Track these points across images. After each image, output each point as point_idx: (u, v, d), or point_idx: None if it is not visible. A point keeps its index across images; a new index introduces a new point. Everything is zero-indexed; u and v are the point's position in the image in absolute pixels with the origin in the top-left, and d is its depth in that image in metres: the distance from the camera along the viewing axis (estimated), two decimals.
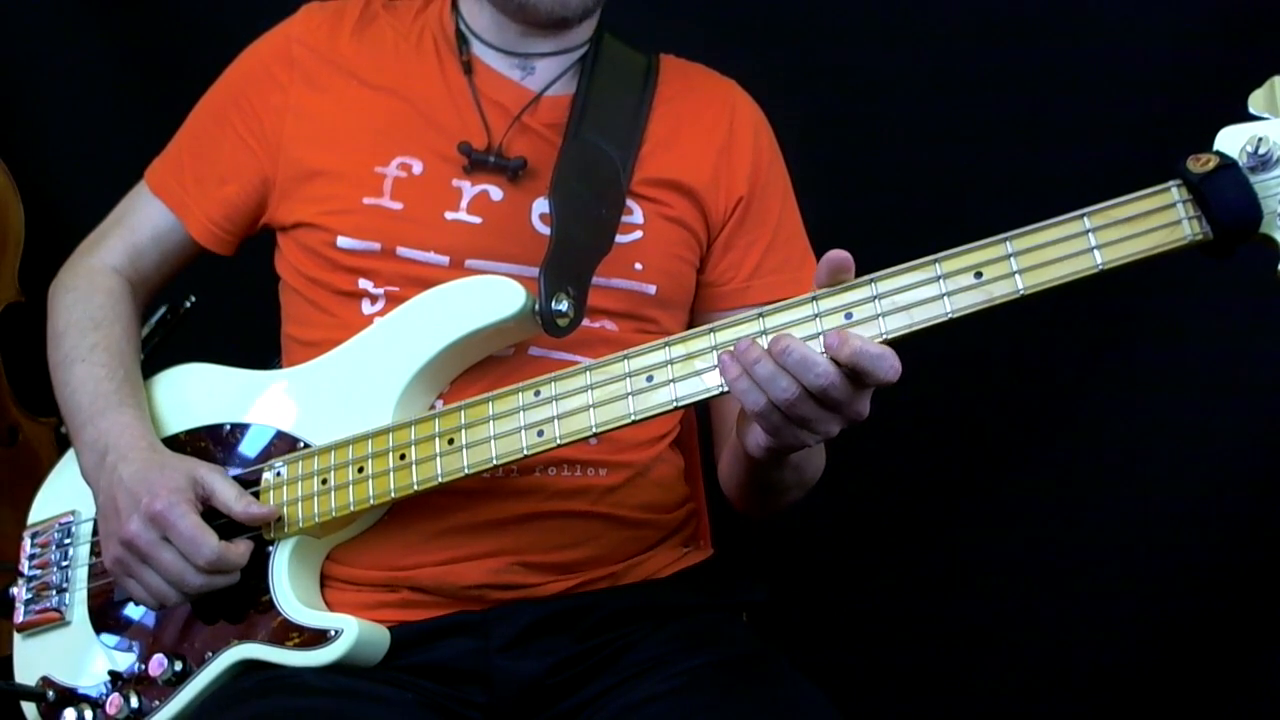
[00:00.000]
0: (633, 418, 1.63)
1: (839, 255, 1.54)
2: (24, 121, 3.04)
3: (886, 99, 2.91)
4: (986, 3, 2.88)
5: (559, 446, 1.68)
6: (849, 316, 1.52)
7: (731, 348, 1.55)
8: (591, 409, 1.65)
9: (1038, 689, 3.09)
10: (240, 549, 1.80)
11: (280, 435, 1.89)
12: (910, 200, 2.89)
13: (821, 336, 1.52)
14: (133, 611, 1.90)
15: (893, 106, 2.91)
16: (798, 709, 1.74)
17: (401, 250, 1.90)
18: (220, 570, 1.79)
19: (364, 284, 1.91)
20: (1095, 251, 1.45)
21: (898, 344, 1.50)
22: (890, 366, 1.47)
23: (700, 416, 2.13)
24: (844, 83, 2.91)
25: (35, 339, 2.09)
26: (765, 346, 1.51)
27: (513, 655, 1.82)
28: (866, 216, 2.79)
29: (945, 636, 3.10)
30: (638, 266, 1.95)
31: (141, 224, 2.08)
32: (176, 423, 1.97)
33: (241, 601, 1.82)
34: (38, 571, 2.00)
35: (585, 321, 1.85)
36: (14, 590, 2.02)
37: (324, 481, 1.80)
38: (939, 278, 1.50)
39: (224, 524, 1.81)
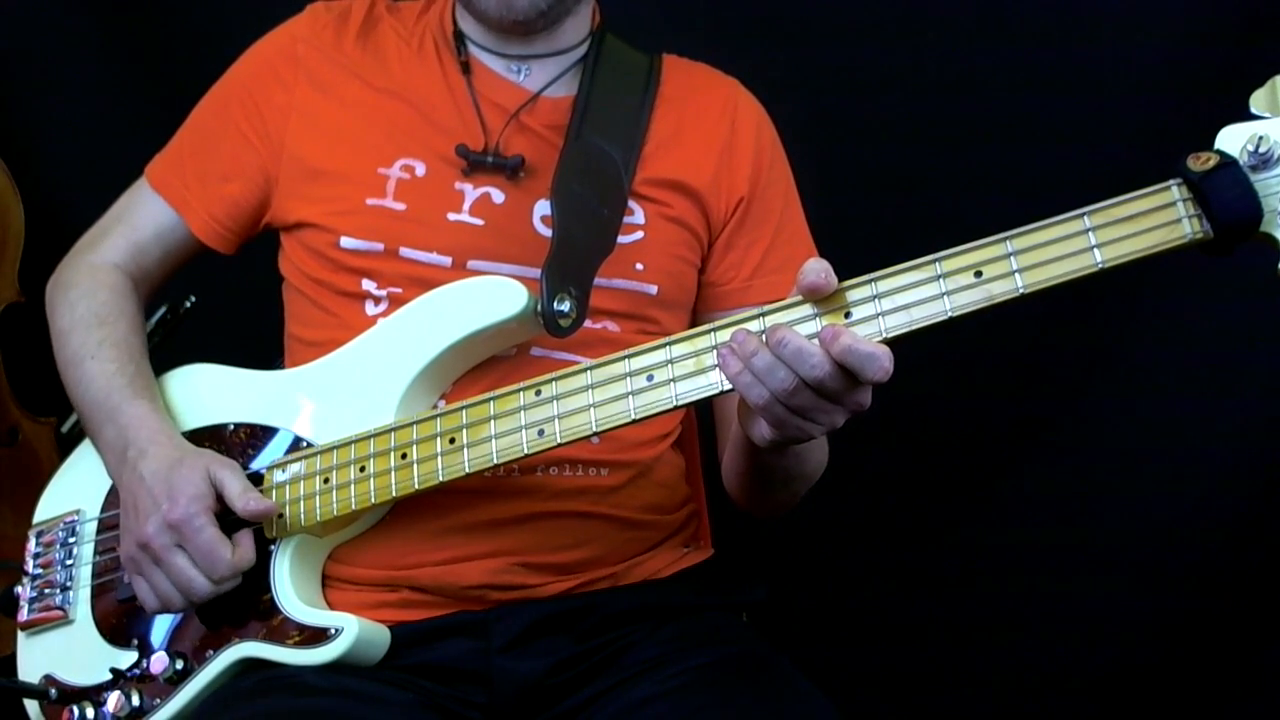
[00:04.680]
0: (633, 417, 1.63)
1: (810, 281, 1.53)
2: (24, 121, 3.04)
3: (886, 99, 2.91)
4: (986, 3, 2.88)
5: (560, 446, 1.68)
6: (849, 316, 1.52)
7: (730, 339, 1.55)
8: (592, 408, 1.66)
9: (1038, 689, 3.09)
10: (248, 555, 1.80)
11: (283, 435, 1.89)
12: (910, 200, 2.89)
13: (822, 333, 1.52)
14: (135, 610, 1.90)
15: (893, 106, 2.91)
16: (798, 709, 1.74)
17: (404, 251, 1.91)
18: (230, 578, 1.79)
19: (367, 284, 1.92)
20: (1095, 250, 1.45)
21: (898, 342, 1.50)
22: (879, 367, 1.47)
23: (701, 417, 2.14)
24: (844, 83, 2.90)
25: (35, 339, 2.09)
26: (763, 339, 1.52)
27: (513, 655, 1.82)
28: (866, 216, 2.79)
29: (945, 636, 3.10)
30: (639, 267, 1.95)
31: (143, 221, 2.08)
32: (181, 422, 1.97)
33: (243, 601, 1.82)
34: (42, 570, 2.00)
35: (587, 322, 1.85)
36: (19, 589, 2.02)
37: (325, 480, 1.81)
38: (939, 277, 1.49)
39: (232, 520, 1.82)
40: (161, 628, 1.88)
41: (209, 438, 1.93)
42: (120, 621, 1.92)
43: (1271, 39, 2.72)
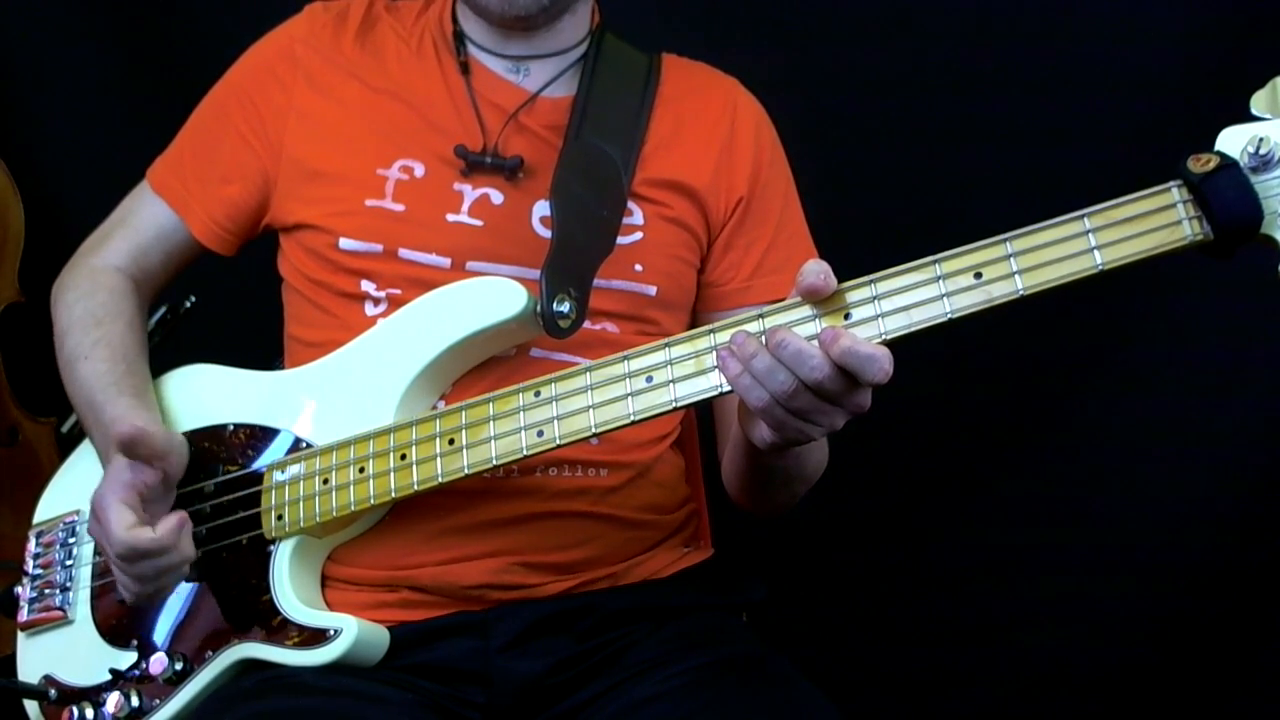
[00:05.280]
0: (632, 418, 1.63)
1: (809, 283, 1.52)
2: (24, 121, 3.04)
3: (886, 99, 2.91)
4: (986, 3, 2.89)
5: (559, 447, 1.68)
6: (848, 317, 1.52)
7: (729, 341, 1.55)
8: (591, 410, 1.65)
9: (1038, 689, 3.09)
10: (153, 532, 1.77)
11: (283, 435, 1.89)
12: (910, 200, 2.89)
13: (821, 334, 1.52)
14: (135, 610, 1.90)
15: (893, 106, 2.91)
16: (798, 709, 1.73)
17: (403, 252, 1.90)
18: (145, 555, 1.78)
19: (366, 285, 1.92)
20: (1095, 252, 1.44)
21: (898, 343, 1.50)
22: (879, 369, 1.46)
23: (701, 417, 2.14)
24: (844, 83, 2.91)
25: (35, 339, 2.09)
26: (763, 341, 1.52)
27: (513, 655, 1.82)
28: (866, 216, 2.79)
29: (945, 636, 3.10)
30: (638, 268, 1.95)
31: (144, 223, 2.08)
32: (181, 422, 1.97)
33: (243, 601, 1.83)
34: (41, 570, 2.00)
35: (586, 323, 1.85)
36: (19, 589, 2.02)
37: (325, 481, 1.80)
38: (939, 278, 1.49)
39: (233, 522, 1.82)
40: (161, 628, 1.89)
41: (208, 438, 1.93)
42: (120, 622, 1.92)
43: (1271, 39, 2.73)
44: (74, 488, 2.05)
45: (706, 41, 2.25)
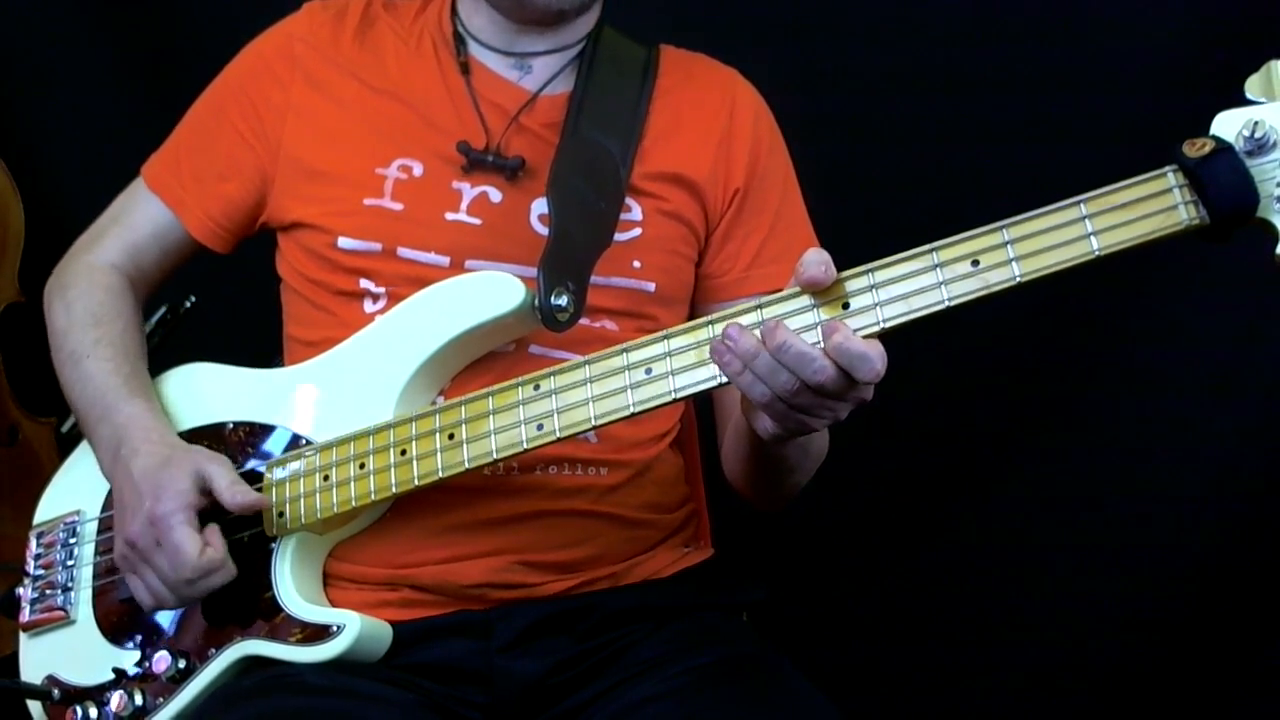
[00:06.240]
0: (632, 409, 1.63)
1: (810, 275, 1.53)
2: (24, 121, 3.05)
3: (886, 99, 2.91)
4: (986, 3, 2.89)
5: (559, 440, 1.68)
6: (847, 307, 1.52)
7: (722, 336, 1.54)
8: (591, 402, 1.66)
9: (1038, 688, 3.08)
10: (214, 555, 1.78)
11: (281, 432, 1.89)
12: (910, 200, 2.89)
13: (820, 326, 1.52)
14: (137, 609, 1.90)
15: (893, 106, 2.91)
16: (798, 709, 1.74)
17: (402, 251, 1.91)
18: (209, 574, 1.78)
19: (365, 284, 1.92)
20: (1092, 238, 1.45)
21: (897, 334, 1.50)
22: (870, 369, 1.47)
23: (701, 418, 2.14)
24: (844, 83, 2.90)
25: (35, 339, 2.09)
26: (759, 337, 1.52)
27: (513, 655, 1.82)
28: (866, 216, 2.78)
29: (945, 636, 3.10)
30: (636, 264, 1.95)
31: (140, 221, 2.08)
32: (180, 421, 1.97)
33: (245, 598, 1.82)
34: (43, 571, 2.00)
35: (585, 321, 1.85)
36: (20, 590, 2.02)
37: (325, 478, 1.81)
38: (936, 266, 1.49)
39: (234, 519, 1.82)
40: (163, 626, 1.89)
41: (208, 436, 1.93)
42: (122, 621, 1.92)
43: (1271, 39, 2.72)
44: (74, 488, 2.06)
45: (706, 41, 2.25)
